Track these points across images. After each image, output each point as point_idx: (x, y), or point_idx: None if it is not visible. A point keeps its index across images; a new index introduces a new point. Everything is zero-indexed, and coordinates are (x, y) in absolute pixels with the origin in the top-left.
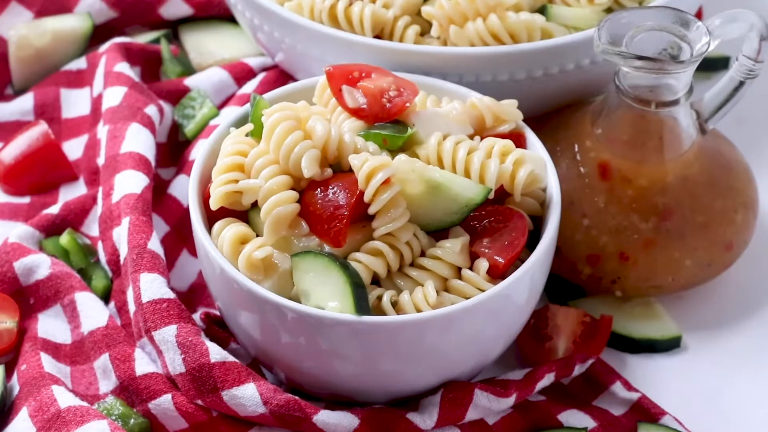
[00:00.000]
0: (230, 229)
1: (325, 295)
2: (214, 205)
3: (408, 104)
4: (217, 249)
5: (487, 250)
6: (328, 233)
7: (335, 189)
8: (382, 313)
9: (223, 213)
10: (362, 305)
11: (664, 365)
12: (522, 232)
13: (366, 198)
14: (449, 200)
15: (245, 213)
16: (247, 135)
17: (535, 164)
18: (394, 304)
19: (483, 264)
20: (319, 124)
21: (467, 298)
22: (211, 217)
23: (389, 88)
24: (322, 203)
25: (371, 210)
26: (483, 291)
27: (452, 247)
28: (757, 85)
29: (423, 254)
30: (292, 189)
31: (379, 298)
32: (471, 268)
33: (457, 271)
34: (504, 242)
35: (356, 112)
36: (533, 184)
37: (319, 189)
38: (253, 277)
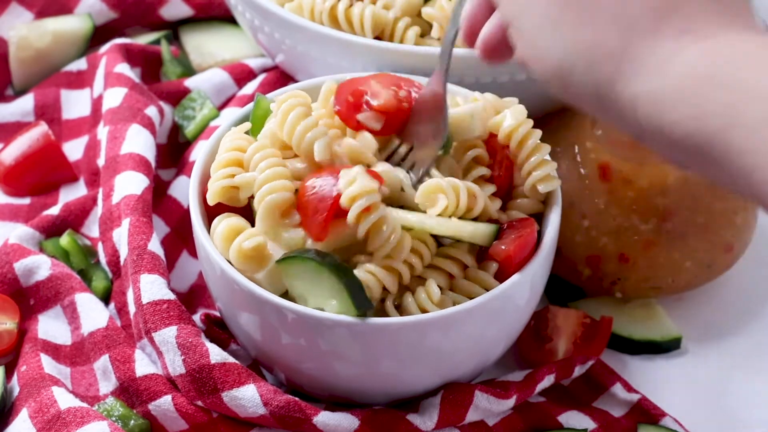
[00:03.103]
0: (223, 223)
1: (322, 295)
2: (211, 200)
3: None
4: (217, 249)
5: (498, 254)
6: (311, 226)
7: (325, 180)
8: (386, 315)
9: (223, 211)
10: (360, 300)
11: (665, 367)
12: (532, 236)
13: (349, 222)
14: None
15: (245, 210)
16: (246, 133)
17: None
18: (398, 307)
19: (493, 265)
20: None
21: (471, 298)
22: (211, 218)
23: (398, 91)
24: (310, 194)
25: (359, 236)
26: (489, 290)
27: (463, 247)
28: None
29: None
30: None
31: (383, 300)
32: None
33: (465, 270)
34: (515, 247)
35: (377, 133)
36: (537, 149)
37: (312, 179)
38: (245, 268)
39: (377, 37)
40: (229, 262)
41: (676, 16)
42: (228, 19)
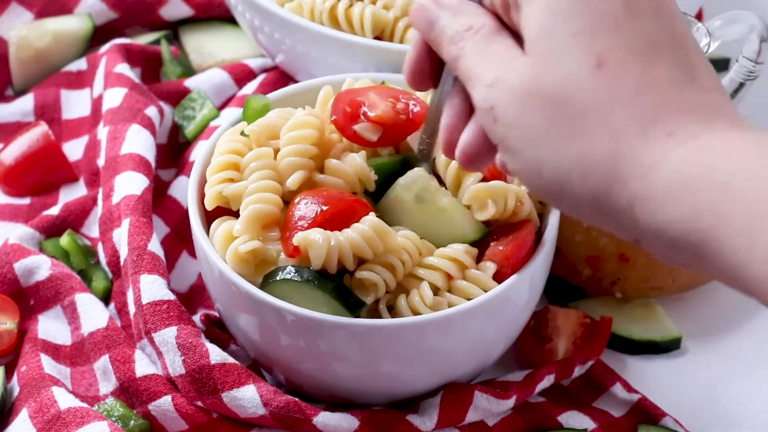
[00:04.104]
0: (222, 226)
1: (315, 306)
2: (209, 205)
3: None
4: (216, 251)
5: (495, 255)
6: (286, 242)
7: (310, 201)
8: (380, 317)
9: (222, 213)
10: (351, 304)
11: (664, 367)
12: (530, 237)
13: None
14: (448, 225)
15: None
16: (242, 134)
17: None
18: (391, 309)
19: (490, 266)
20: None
21: (470, 299)
22: (211, 219)
23: (396, 103)
24: (293, 212)
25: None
26: (487, 291)
27: (462, 248)
28: (758, 87)
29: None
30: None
31: (376, 301)
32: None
33: (463, 272)
34: (511, 248)
35: (373, 144)
36: None
37: (300, 198)
38: (242, 271)
39: (377, 37)
40: None
41: (661, 121)
42: (228, 19)
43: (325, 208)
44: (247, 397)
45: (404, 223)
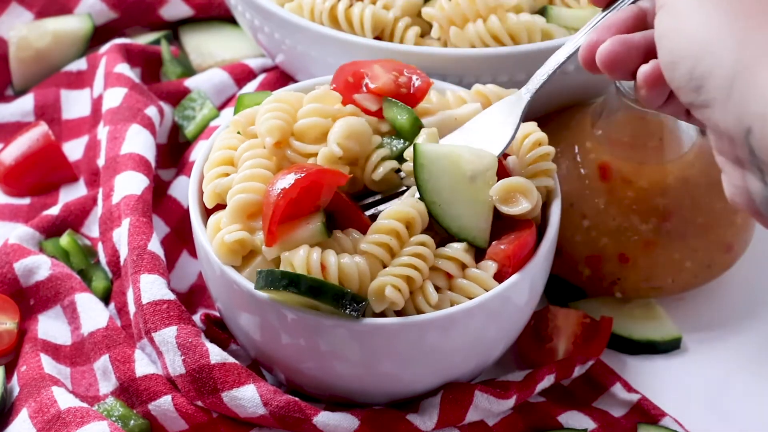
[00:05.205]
0: (212, 218)
1: (314, 306)
2: (208, 202)
3: (430, 84)
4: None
5: (496, 254)
6: (264, 230)
7: (277, 182)
8: (384, 315)
9: (222, 209)
10: (347, 306)
11: (664, 366)
12: (531, 237)
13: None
14: (473, 217)
15: None
16: (238, 132)
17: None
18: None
19: (491, 265)
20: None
21: (471, 298)
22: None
23: (398, 77)
24: (266, 197)
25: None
26: (488, 290)
27: (461, 246)
28: None
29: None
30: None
31: None
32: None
33: (463, 270)
34: (513, 248)
35: (374, 114)
36: (534, 147)
37: (274, 180)
38: (230, 261)
39: (377, 37)
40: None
41: None
42: (228, 19)
43: (290, 185)
44: (247, 397)
45: (442, 189)
